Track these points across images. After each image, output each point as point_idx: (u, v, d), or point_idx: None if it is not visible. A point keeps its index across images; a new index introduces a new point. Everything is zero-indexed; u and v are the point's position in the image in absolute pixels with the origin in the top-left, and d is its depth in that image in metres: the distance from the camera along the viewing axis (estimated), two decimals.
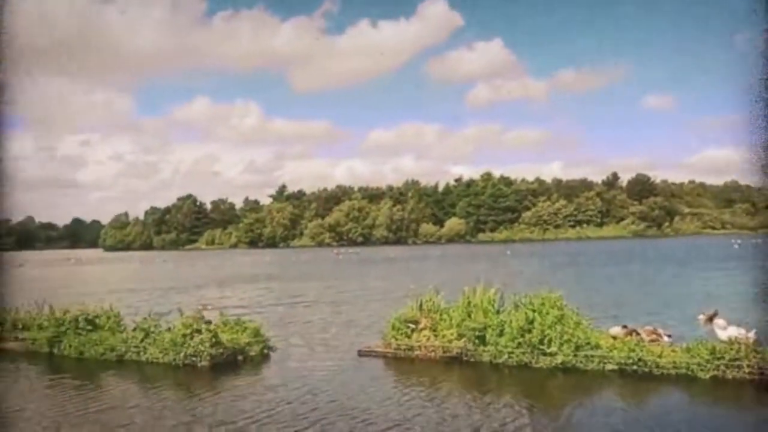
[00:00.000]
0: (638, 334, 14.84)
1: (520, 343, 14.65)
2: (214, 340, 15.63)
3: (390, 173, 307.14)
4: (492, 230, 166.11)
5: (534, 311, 14.88)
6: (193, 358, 15.55)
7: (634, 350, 13.88)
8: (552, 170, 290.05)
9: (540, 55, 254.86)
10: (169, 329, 16.73)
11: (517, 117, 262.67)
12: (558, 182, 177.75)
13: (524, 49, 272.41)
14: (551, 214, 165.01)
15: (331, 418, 11.18)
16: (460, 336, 15.65)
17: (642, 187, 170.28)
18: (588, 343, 14.33)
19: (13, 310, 20.64)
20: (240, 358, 16.15)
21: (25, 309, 20.38)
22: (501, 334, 15.09)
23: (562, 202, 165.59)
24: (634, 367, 13.67)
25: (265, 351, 16.89)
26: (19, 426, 11.39)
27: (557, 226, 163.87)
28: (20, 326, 19.65)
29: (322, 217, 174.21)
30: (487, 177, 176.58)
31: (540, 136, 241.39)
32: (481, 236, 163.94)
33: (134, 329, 17.35)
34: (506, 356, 14.78)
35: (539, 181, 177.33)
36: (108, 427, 11.15)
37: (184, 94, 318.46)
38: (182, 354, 15.67)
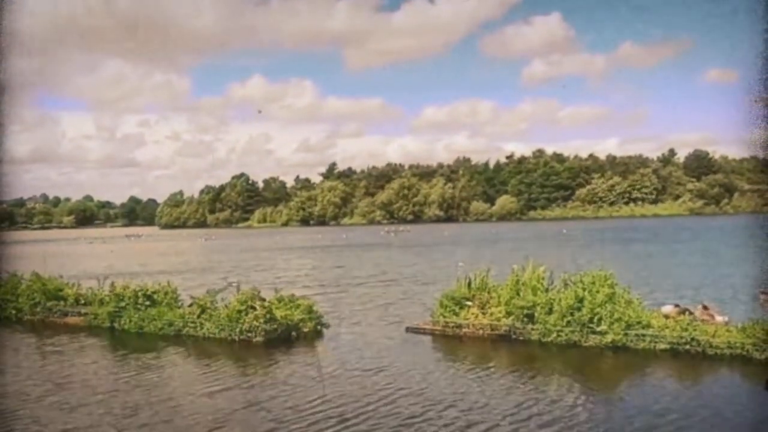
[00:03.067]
0: (691, 313, 14.63)
1: (569, 322, 14.62)
2: (268, 316, 16.07)
3: (442, 151, 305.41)
4: (543, 208, 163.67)
5: (584, 289, 14.80)
6: (249, 334, 16.03)
7: (686, 329, 13.70)
8: (608, 147, 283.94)
9: (600, 29, 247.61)
10: (225, 306, 17.25)
11: (574, 93, 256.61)
12: (612, 159, 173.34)
13: (584, 24, 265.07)
14: (605, 191, 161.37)
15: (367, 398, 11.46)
16: (509, 314, 15.69)
17: (700, 164, 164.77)
18: (639, 322, 14.21)
19: (76, 285, 21.62)
20: (293, 334, 16.57)
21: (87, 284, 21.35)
22: (550, 312, 15.08)
23: (617, 179, 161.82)
24: (687, 346, 13.51)
25: (318, 328, 17.27)
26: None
27: (611, 204, 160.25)
28: (82, 301, 20.58)
29: (373, 195, 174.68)
30: (539, 154, 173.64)
31: (597, 112, 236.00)
32: (532, 214, 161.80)
33: (191, 305, 17.94)
34: (555, 335, 14.78)
35: (593, 158, 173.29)
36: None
37: (240, 74, 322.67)
38: (238, 329, 16.18)
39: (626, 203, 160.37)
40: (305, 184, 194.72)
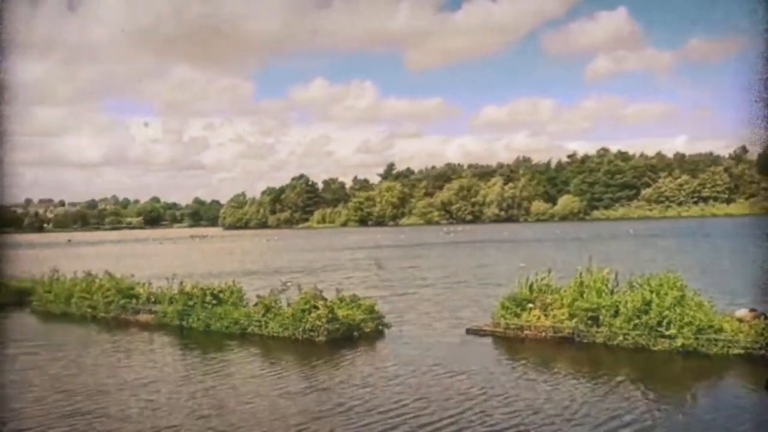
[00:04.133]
0: (767, 317, 14.05)
1: (636, 325, 14.27)
2: (330, 315, 16.28)
3: (502, 150, 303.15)
4: (607, 208, 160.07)
5: (651, 292, 14.42)
6: (311, 333, 16.28)
7: (762, 334, 13.18)
8: (676, 145, 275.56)
9: (667, 24, 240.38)
10: (288, 305, 17.56)
11: (640, 90, 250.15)
12: (681, 157, 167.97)
13: (651, 19, 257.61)
14: (673, 190, 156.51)
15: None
16: (572, 316, 15.44)
17: None
18: (711, 326, 13.74)
19: (147, 284, 22.39)
20: (355, 334, 16.73)
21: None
22: (616, 315, 14.75)
23: (685, 177, 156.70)
24: (762, 351, 13.00)
25: (380, 327, 17.39)
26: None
27: (680, 203, 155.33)
28: (153, 300, 21.30)
29: (431, 196, 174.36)
30: (603, 152, 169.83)
31: (664, 109, 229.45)
32: (595, 214, 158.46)
33: (255, 304, 18.32)
34: (621, 338, 14.45)
35: (660, 156, 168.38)
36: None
37: (303, 76, 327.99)
38: (301, 329, 16.44)
39: (695, 203, 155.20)
40: (363, 184, 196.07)
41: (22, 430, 10.00)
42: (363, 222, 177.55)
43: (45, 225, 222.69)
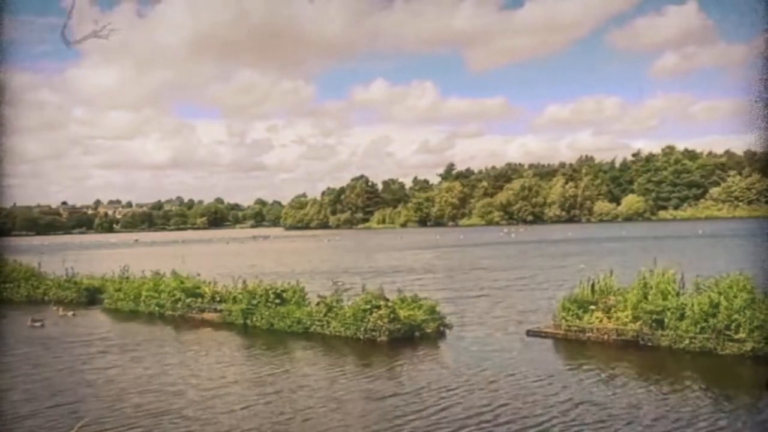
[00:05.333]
0: None
1: (703, 328, 13.89)
2: (392, 316, 16.45)
3: (565, 149, 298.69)
4: (674, 208, 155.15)
5: (719, 294, 14.02)
6: (373, 333, 16.49)
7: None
8: (746, 143, 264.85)
9: (739, 17, 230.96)
10: (350, 305, 17.79)
11: (709, 86, 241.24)
12: (752, 155, 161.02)
13: (722, 12, 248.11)
14: (743, 189, 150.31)
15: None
16: (636, 319, 15.14)
17: None
18: None
19: (212, 283, 23.01)
20: (417, 334, 16.85)
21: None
22: (681, 317, 14.40)
23: (756, 176, 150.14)
24: None
25: (441, 328, 17.46)
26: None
27: (750, 203, 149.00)
28: (218, 299, 21.88)
29: (491, 196, 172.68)
30: (669, 151, 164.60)
31: (734, 106, 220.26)
32: (662, 214, 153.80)
33: (317, 304, 18.63)
34: (687, 341, 14.10)
35: (729, 154, 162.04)
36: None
37: (364, 77, 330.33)
38: (362, 328, 16.67)
39: None
40: (423, 185, 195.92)
41: (104, 430, 10.26)
42: (423, 222, 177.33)
43: (114, 225, 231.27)
